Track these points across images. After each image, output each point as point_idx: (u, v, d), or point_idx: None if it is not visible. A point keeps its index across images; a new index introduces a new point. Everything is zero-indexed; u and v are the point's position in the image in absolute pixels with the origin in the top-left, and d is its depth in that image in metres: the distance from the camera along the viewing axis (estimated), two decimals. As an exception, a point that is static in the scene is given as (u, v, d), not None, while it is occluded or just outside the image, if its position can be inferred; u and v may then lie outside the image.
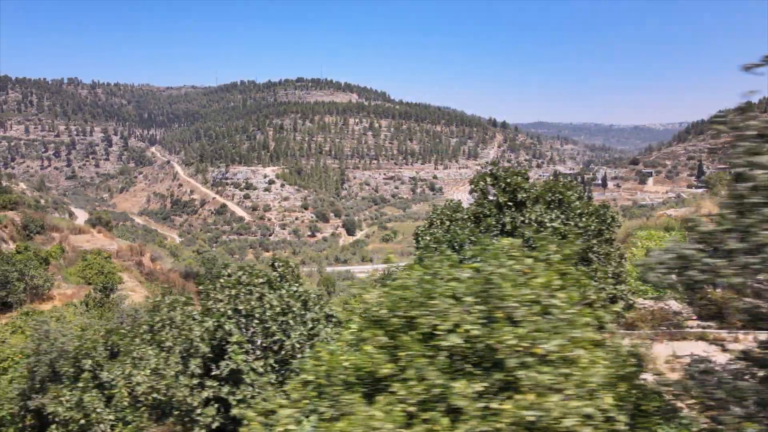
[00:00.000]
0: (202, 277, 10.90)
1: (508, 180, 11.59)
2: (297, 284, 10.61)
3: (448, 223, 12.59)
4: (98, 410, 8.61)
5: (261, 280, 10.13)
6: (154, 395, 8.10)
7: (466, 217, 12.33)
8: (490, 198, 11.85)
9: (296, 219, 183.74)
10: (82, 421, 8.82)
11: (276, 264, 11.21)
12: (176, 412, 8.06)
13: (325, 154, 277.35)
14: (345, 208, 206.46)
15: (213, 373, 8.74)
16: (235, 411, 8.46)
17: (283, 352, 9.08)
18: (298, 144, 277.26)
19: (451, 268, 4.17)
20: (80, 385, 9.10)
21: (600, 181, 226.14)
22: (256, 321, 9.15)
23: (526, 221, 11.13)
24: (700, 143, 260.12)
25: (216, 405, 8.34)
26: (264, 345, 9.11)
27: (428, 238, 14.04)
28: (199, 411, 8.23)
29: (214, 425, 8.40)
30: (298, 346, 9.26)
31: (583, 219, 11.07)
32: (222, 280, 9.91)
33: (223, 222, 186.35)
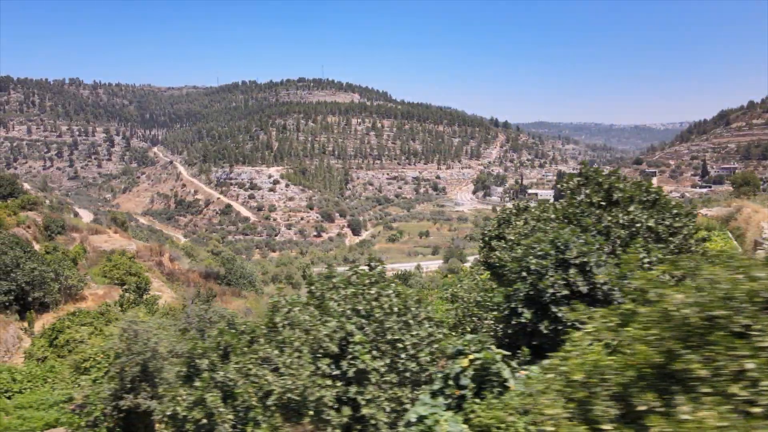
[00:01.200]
0: (311, 277, 10.84)
1: (600, 180, 11.64)
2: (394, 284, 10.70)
3: (534, 222, 12.63)
4: (220, 409, 8.65)
5: (370, 280, 10.21)
6: (288, 395, 8.15)
7: (552, 216, 12.37)
8: (580, 197, 11.88)
9: (301, 219, 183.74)
10: (204, 421, 8.84)
11: (372, 264, 11.27)
12: (310, 412, 8.10)
13: (328, 154, 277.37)
14: (349, 208, 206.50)
15: (334, 373, 8.81)
16: (365, 411, 8.52)
17: (404, 354, 9.14)
18: (301, 144, 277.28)
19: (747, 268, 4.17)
20: (198, 384, 9.13)
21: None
22: (375, 321, 9.21)
23: (620, 221, 11.18)
24: (703, 143, 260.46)
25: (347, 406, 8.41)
26: (383, 345, 9.17)
27: (507, 237, 14.06)
28: (331, 411, 8.28)
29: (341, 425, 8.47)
30: (415, 346, 9.33)
31: (679, 219, 11.11)
32: (335, 280, 9.97)
33: (229, 222, 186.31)
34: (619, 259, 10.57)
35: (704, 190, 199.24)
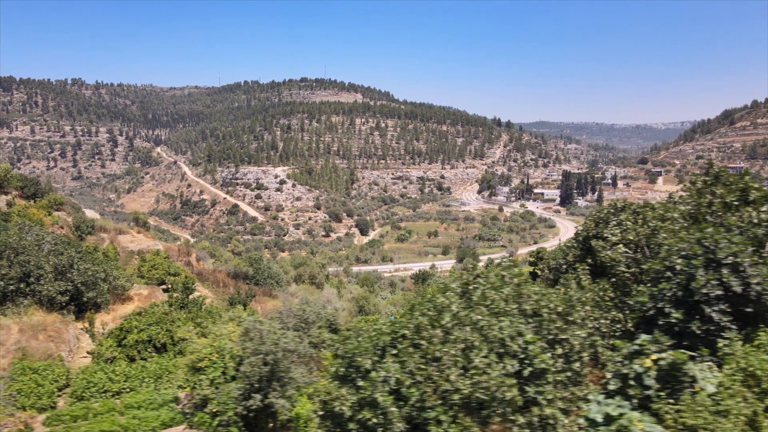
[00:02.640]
0: (468, 274, 10.62)
1: (730, 180, 11.65)
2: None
3: (656, 222, 12.64)
4: (392, 409, 8.68)
5: (522, 281, 10.23)
6: (477, 395, 8.17)
7: (677, 216, 12.37)
8: (709, 197, 11.89)
9: (309, 219, 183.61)
10: (375, 420, 8.87)
11: (508, 261, 11.28)
12: (499, 411, 8.12)
13: (333, 154, 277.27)
14: (356, 208, 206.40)
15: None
16: (547, 411, 8.54)
17: (571, 353, 9.15)
18: (306, 144, 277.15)
19: None
20: (362, 383, 9.16)
21: (610, 181, 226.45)
22: (544, 321, 9.23)
23: (755, 220, 11.19)
24: (708, 142, 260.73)
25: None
26: (554, 345, 9.20)
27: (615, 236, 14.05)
28: (517, 412, 8.30)
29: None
30: (581, 345, 9.34)
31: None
32: (493, 279, 9.99)
33: (236, 222, 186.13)
34: (761, 258, 10.59)
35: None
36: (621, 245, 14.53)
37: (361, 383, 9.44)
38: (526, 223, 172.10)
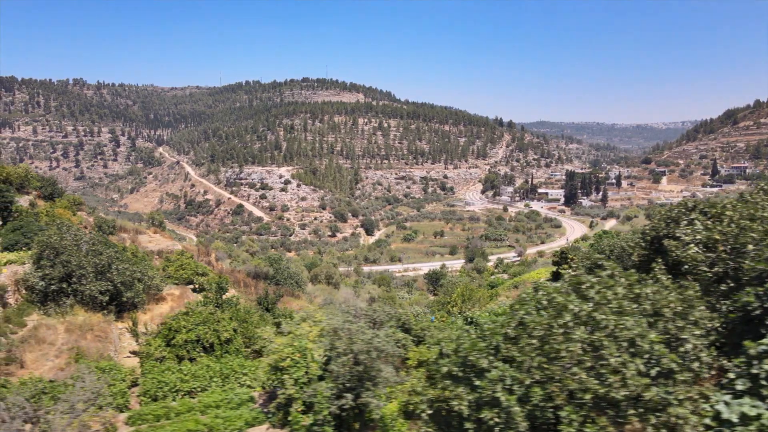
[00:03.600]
0: (577, 277, 10.51)
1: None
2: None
3: (744, 222, 12.62)
4: (515, 409, 8.67)
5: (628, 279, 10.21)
6: (613, 394, 8.16)
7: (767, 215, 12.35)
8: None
9: (315, 219, 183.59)
10: (496, 419, 8.87)
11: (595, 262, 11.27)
12: (636, 412, 8.12)
13: (336, 154, 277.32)
14: (361, 208, 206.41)
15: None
16: (679, 411, 8.54)
17: (690, 353, 9.15)
18: (309, 144, 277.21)
19: None
20: (480, 383, 9.15)
21: (614, 180, 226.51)
22: (663, 321, 9.23)
23: None
24: (711, 142, 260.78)
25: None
26: (667, 344, 9.19)
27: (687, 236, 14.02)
28: (650, 411, 8.29)
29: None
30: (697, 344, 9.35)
31: None
32: (604, 276, 9.98)
33: (242, 222, 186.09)
34: None
35: (715, 189, 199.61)
36: (693, 245, 14.54)
37: (478, 382, 9.44)
38: (532, 223, 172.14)
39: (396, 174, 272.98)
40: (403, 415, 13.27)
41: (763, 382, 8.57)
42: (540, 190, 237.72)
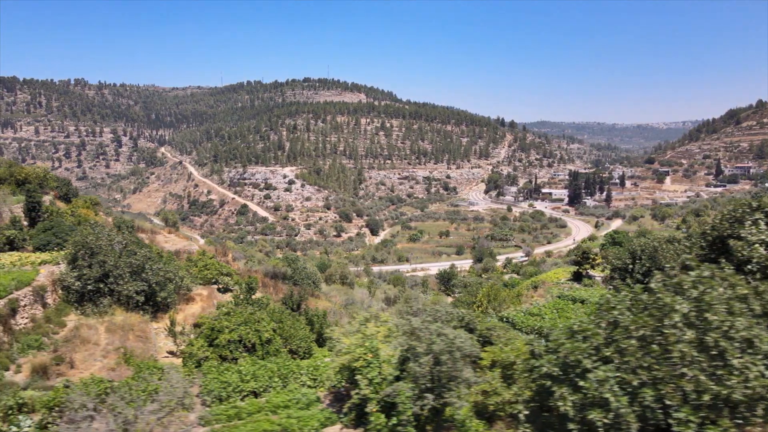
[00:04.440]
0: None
1: None
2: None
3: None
4: (624, 410, 8.63)
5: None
6: (735, 395, 8.13)
7: None
8: None
9: (320, 219, 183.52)
10: (605, 421, 8.83)
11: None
12: (760, 413, 8.09)
13: (339, 154, 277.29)
14: (365, 207, 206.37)
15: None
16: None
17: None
18: (312, 144, 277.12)
19: None
20: (584, 383, 9.12)
21: (617, 180, 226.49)
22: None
23: None
24: (714, 142, 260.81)
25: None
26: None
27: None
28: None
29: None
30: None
31: None
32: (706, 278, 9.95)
33: (246, 222, 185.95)
34: None
35: (719, 189, 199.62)
36: (758, 246, 14.56)
37: (582, 383, 9.40)
38: (537, 222, 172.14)
39: (399, 174, 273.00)
40: (476, 415, 13.23)
41: None
42: (544, 190, 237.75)
